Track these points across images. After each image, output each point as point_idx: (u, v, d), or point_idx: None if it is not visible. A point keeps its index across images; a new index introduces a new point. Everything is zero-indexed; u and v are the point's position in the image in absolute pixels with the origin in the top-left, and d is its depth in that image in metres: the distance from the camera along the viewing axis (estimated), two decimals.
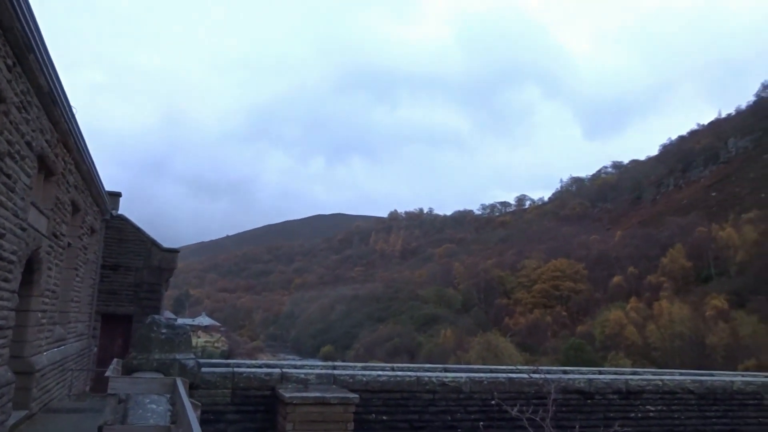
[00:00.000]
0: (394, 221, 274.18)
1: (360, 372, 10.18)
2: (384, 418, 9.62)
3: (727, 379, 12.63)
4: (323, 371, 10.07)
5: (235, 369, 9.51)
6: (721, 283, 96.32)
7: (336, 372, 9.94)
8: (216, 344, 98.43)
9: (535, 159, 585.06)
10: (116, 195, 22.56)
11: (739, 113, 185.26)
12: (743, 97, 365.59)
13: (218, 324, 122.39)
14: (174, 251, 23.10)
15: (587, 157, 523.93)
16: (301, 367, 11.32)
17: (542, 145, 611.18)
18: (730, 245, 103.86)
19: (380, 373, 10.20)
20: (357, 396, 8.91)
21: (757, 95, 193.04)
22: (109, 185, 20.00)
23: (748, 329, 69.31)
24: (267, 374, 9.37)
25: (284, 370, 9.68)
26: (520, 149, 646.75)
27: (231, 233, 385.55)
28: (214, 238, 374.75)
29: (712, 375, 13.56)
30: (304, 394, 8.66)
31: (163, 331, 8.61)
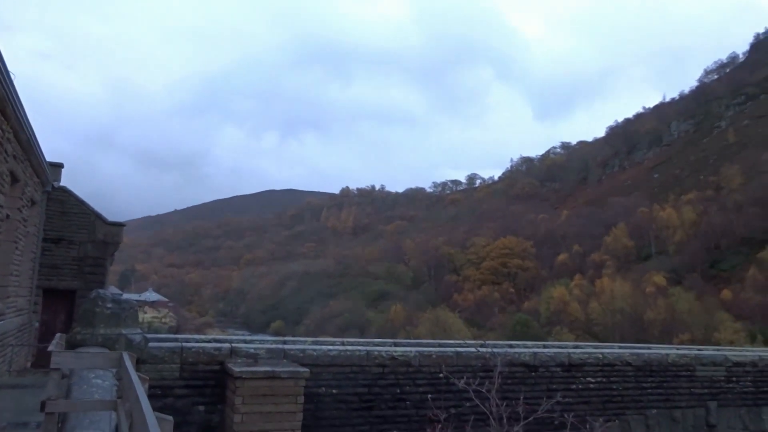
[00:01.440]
0: (346, 198, 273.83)
1: (310, 347, 10.21)
2: (334, 391, 9.70)
3: (663, 352, 13.21)
4: (273, 346, 10.05)
5: (184, 344, 9.40)
6: (660, 261, 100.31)
7: (286, 347, 9.94)
8: (163, 320, 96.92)
9: (486, 138, 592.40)
10: (58, 166, 21.74)
11: (682, 98, 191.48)
12: (686, 82, 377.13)
13: (166, 300, 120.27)
14: (119, 225, 22.50)
15: (537, 137, 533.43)
16: (251, 341, 11.27)
17: (494, 124, 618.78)
18: (669, 225, 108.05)
19: (330, 347, 10.25)
20: (307, 370, 8.95)
21: (700, 81, 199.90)
22: (51, 156, 19.26)
23: (684, 305, 72.54)
24: (216, 349, 9.30)
25: (234, 344, 9.62)
26: (472, 128, 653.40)
27: (179, 208, 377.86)
28: (161, 213, 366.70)
29: (649, 348, 14.17)
30: (254, 369, 8.65)
31: (109, 305, 8.42)
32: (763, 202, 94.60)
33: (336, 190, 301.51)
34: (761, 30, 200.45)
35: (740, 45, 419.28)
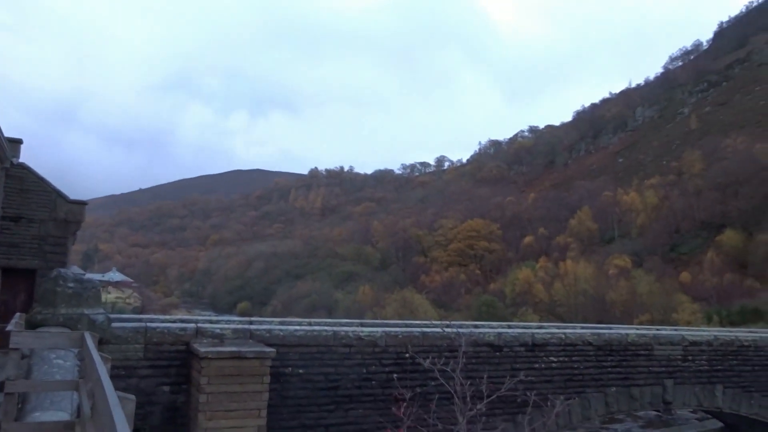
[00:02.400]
0: (315, 179, 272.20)
1: (277, 327, 10.20)
2: (300, 371, 9.73)
3: (623, 332, 13.57)
4: (239, 326, 10.01)
5: (148, 324, 9.30)
6: (623, 244, 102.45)
7: (252, 327, 9.91)
8: (128, 300, 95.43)
9: (455, 121, 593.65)
10: (17, 142, 21.08)
11: (648, 84, 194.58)
12: (652, 69, 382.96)
13: (130, 280, 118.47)
14: (82, 203, 21.99)
15: (506, 121, 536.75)
16: (217, 322, 11.21)
17: (463, 107, 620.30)
18: (632, 209, 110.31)
19: (297, 327, 10.26)
20: (273, 350, 8.95)
21: (665, 67, 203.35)
22: (9, 132, 18.68)
23: (644, 287, 74.29)
24: (181, 329, 9.23)
25: (199, 325, 9.56)
26: (441, 111, 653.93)
27: (144, 187, 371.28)
28: (126, 192, 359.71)
29: (610, 328, 14.53)
30: (220, 349, 8.61)
31: (70, 285, 8.27)
32: (722, 187, 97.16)
33: (304, 171, 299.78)
34: (725, 18, 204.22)
35: (704, 33, 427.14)
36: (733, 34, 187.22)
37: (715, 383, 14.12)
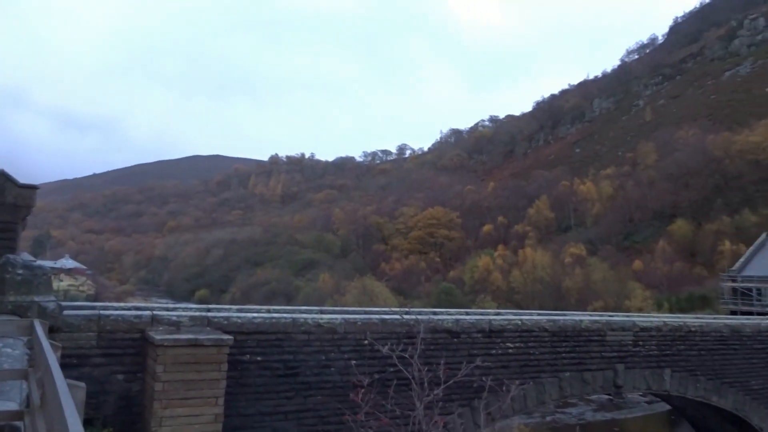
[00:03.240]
0: (275, 165, 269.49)
1: (235, 314, 10.10)
2: (259, 358, 9.68)
3: (577, 318, 13.89)
4: (197, 314, 9.88)
5: (102, 312, 9.10)
6: (579, 233, 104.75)
7: (210, 314, 9.79)
8: (81, 288, 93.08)
9: (417, 110, 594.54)
10: None
11: (605, 76, 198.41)
12: (610, 62, 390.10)
13: (84, 267, 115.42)
14: (32, 188, 21.23)
15: (467, 110, 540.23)
16: (174, 309, 11.04)
17: (425, 96, 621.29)
18: (588, 198, 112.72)
19: (256, 315, 10.18)
20: (231, 337, 8.86)
21: (622, 60, 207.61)
22: None
23: (599, 275, 76.18)
24: (136, 317, 9.05)
25: (155, 312, 9.39)
26: (403, 99, 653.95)
27: (99, 171, 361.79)
28: (79, 176, 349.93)
29: (565, 315, 14.84)
30: (176, 336, 8.50)
31: (20, 271, 8.03)
32: (674, 178, 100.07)
33: (265, 158, 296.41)
34: (680, 14, 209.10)
35: (660, 27, 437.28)
36: (687, 30, 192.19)
37: (664, 367, 14.60)
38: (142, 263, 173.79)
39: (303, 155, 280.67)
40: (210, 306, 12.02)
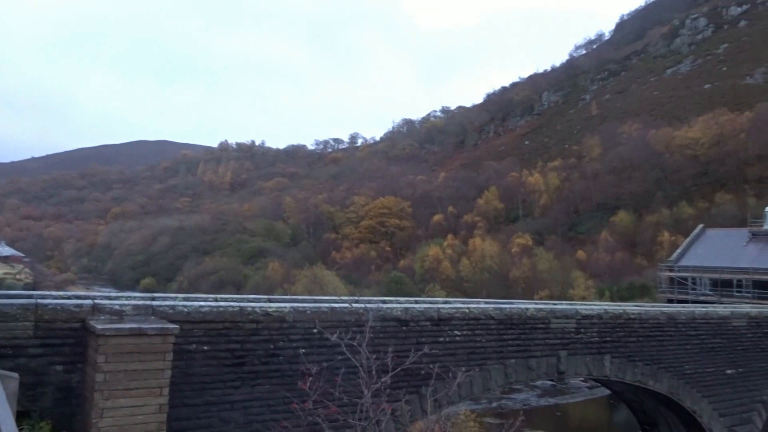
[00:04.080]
0: (224, 152, 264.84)
1: (181, 303, 9.90)
2: (205, 348, 9.52)
3: (523, 306, 14.20)
4: (141, 302, 9.63)
5: (39, 300, 8.76)
6: (526, 223, 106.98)
7: (155, 303, 9.56)
8: (18, 276, 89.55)
9: (369, 99, 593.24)
10: None
11: (554, 70, 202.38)
12: (558, 56, 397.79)
13: (21, 255, 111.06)
14: None
15: (419, 100, 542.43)
16: (117, 298, 10.75)
17: (378, 86, 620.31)
18: (536, 190, 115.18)
19: (203, 303, 10.01)
20: (177, 327, 8.68)
21: (570, 55, 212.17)
22: None
23: (544, 264, 78.10)
24: (77, 306, 8.76)
25: (96, 301, 9.11)
26: (356, 89, 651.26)
27: (38, 155, 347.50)
28: (16, 160, 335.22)
29: (511, 303, 15.14)
30: (119, 326, 8.27)
31: None
32: (617, 171, 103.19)
33: (214, 144, 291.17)
34: (626, 11, 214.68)
35: (608, 24, 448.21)
36: (632, 27, 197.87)
37: (604, 353, 15.10)
38: (84, 251, 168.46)
39: (253, 142, 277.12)
40: (155, 295, 11.75)
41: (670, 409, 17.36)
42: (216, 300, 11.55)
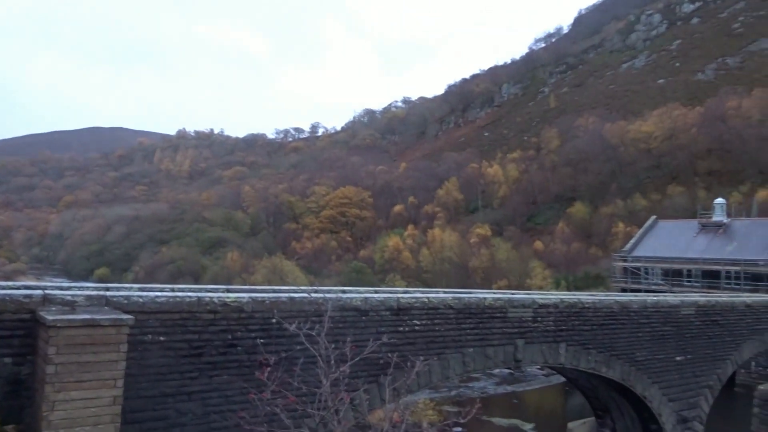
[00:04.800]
0: (182, 140, 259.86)
1: (136, 293, 9.70)
2: (162, 338, 9.37)
3: (481, 296, 14.37)
4: (94, 293, 9.40)
5: None
6: (485, 214, 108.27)
7: (109, 294, 9.35)
8: None
9: (331, 89, 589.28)
10: None
11: (514, 62, 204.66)
12: (518, 49, 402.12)
13: None
14: None
15: (381, 91, 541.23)
16: (69, 289, 10.47)
17: (340, 76, 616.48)
18: (495, 181, 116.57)
19: (159, 294, 9.83)
20: (132, 317, 8.51)
21: (530, 48, 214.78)
22: None
23: (503, 254, 79.24)
24: (26, 296, 8.50)
25: (47, 291, 8.85)
26: (317, 78, 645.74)
27: None
28: None
29: (469, 293, 15.31)
30: (71, 317, 8.05)
31: None
32: (574, 163, 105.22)
33: (171, 132, 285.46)
34: (584, 6, 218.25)
35: (566, 18, 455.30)
36: (590, 22, 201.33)
37: (560, 342, 15.44)
38: (35, 240, 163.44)
39: (212, 131, 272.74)
40: (109, 285, 11.50)
41: (622, 395, 17.89)
42: (173, 290, 11.37)
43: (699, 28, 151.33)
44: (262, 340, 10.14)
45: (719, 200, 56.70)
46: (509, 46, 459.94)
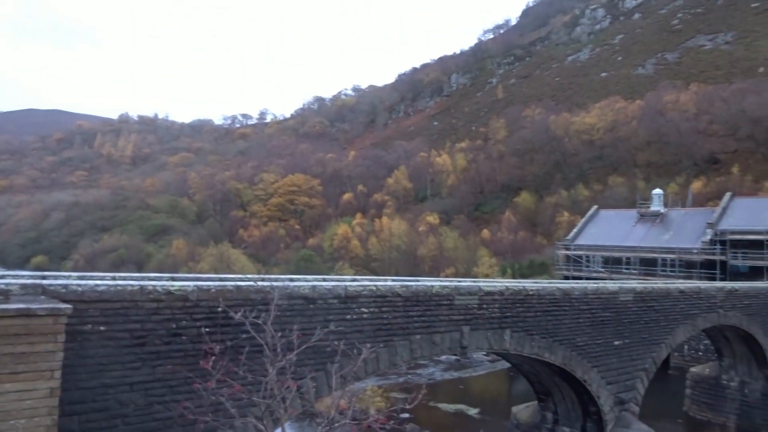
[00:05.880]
0: (125, 124, 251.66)
1: (75, 282, 9.38)
2: (102, 328, 9.11)
3: (428, 284, 14.54)
4: (30, 281, 9.05)
5: None
6: (434, 203, 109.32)
7: (46, 282, 9.01)
8: None
9: (279, 75, 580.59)
10: None
11: (463, 53, 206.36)
12: (468, 39, 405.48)
13: None
14: None
15: (330, 78, 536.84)
16: (3, 277, 10.07)
17: (288, 62, 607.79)
18: (444, 170, 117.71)
19: (99, 282, 9.54)
20: (70, 307, 8.23)
21: (479, 39, 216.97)
22: None
23: (451, 243, 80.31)
24: None
25: None
26: (264, 64, 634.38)
27: None
28: None
29: (417, 281, 15.45)
30: (4, 306, 7.74)
31: None
32: (520, 153, 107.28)
33: (113, 115, 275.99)
34: None
35: (514, 10, 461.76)
36: (537, 14, 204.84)
37: (505, 328, 15.79)
38: None
39: (156, 115, 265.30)
40: (46, 273, 11.09)
41: (564, 379, 18.46)
42: (114, 278, 11.06)
43: (640, 24, 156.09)
44: (207, 329, 9.99)
45: (657, 191, 58.89)
46: (459, 36, 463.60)
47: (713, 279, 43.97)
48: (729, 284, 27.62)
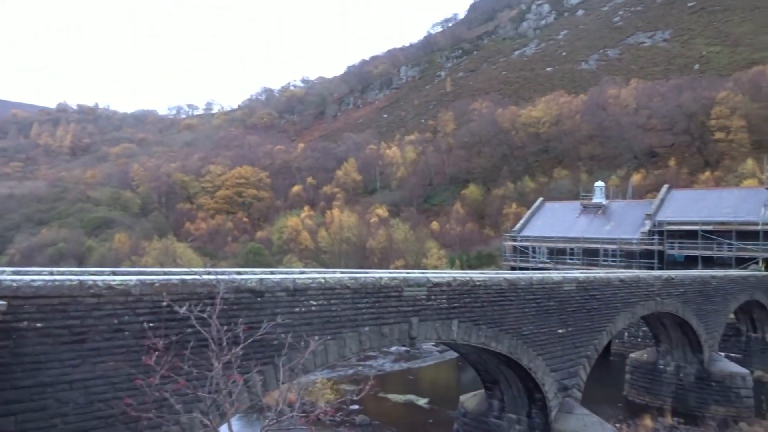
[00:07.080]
0: (63, 113, 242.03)
1: (9, 277, 9.02)
2: (38, 325, 8.80)
3: (377, 276, 14.59)
4: None
5: None
6: (384, 195, 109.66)
7: None
8: None
9: (226, 66, 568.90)
10: None
11: (412, 46, 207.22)
12: (417, 32, 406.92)
13: None
14: None
15: (279, 69, 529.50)
16: None
17: (236, 53, 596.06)
18: (393, 162, 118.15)
19: (35, 277, 9.19)
20: (4, 303, 7.95)
21: (428, 32, 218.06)
22: None
23: (400, 235, 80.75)
24: None
25: None
26: (212, 54, 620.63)
27: None
28: None
29: (366, 273, 15.50)
30: None
31: None
32: (468, 146, 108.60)
33: (51, 104, 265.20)
34: None
35: (462, 4, 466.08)
36: (484, 8, 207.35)
37: (452, 319, 16.01)
38: None
39: (97, 105, 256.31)
40: None
41: (510, 367, 18.87)
42: (52, 273, 10.68)
43: (584, 20, 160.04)
44: (150, 324, 9.77)
45: (599, 183, 60.67)
46: (408, 29, 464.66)
47: (651, 268, 45.72)
48: (666, 273, 28.75)
